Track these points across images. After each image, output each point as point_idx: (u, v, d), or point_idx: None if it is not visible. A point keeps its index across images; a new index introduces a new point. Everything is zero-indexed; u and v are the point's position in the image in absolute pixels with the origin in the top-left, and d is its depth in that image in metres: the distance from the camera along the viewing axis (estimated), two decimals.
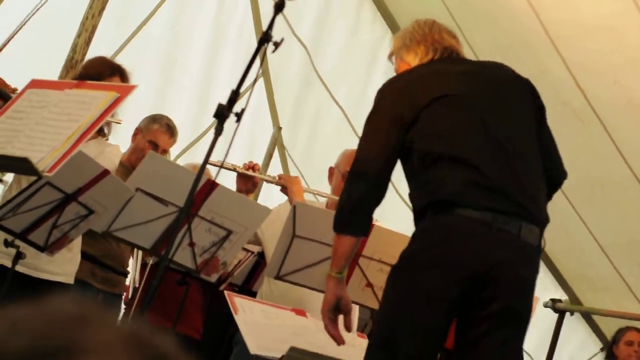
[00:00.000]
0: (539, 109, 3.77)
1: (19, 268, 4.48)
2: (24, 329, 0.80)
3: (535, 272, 3.59)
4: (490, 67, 3.87)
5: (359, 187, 3.58)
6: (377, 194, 3.63)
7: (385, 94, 3.71)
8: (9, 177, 5.42)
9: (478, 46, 6.85)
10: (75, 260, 4.80)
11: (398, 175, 8.03)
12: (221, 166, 4.65)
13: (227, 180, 6.03)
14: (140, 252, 5.39)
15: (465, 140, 3.57)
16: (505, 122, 3.64)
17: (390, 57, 3.96)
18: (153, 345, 0.82)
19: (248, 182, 5.28)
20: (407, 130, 3.59)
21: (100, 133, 4.89)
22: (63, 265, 4.71)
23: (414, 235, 3.61)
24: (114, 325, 0.82)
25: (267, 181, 5.47)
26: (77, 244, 4.77)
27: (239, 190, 5.27)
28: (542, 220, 3.58)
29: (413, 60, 3.82)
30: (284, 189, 5.30)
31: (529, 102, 3.74)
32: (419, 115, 3.59)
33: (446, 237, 3.48)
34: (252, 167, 5.32)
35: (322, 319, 3.66)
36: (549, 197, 3.75)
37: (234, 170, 5.26)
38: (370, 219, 3.70)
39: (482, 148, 3.56)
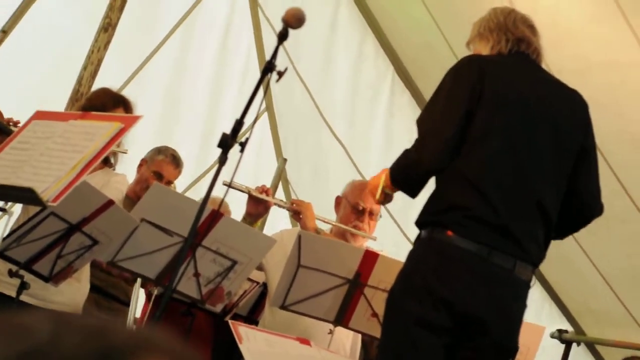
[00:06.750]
0: (586, 151, 3.69)
1: (26, 299, 4.48)
2: (75, 327, 0.80)
3: (524, 307, 3.60)
4: (559, 93, 3.76)
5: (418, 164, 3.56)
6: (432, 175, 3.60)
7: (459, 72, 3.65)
8: (16, 207, 5.42)
9: None
10: (83, 291, 4.79)
11: (404, 212, 7.98)
12: (235, 187, 4.62)
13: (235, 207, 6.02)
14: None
15: (493, 169, 3.54)
16: (540, 158, 3.58)
17: (467, 45, 3.87)
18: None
19: (259, 206, 5.15)
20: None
21: (107, 163, 4.89)
22: (71, 296, 4.70)
23: (410, 254, 3.63)
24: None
25: (280, 206, 5.35)
26: (85, 274, 4.77)
27: (249, 213, 5.16)
28: (537, 262, 3.60)
29: (484, 49, 3.74)
30: (296, 215, 5.25)
31: (576, 143, 3.66)
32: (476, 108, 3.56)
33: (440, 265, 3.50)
34: (265, 191, 5.22)
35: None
36: (572, 231, 3.80)
37: (247, 192, 5.17)
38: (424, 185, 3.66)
39: (503, 182, 3.52)
